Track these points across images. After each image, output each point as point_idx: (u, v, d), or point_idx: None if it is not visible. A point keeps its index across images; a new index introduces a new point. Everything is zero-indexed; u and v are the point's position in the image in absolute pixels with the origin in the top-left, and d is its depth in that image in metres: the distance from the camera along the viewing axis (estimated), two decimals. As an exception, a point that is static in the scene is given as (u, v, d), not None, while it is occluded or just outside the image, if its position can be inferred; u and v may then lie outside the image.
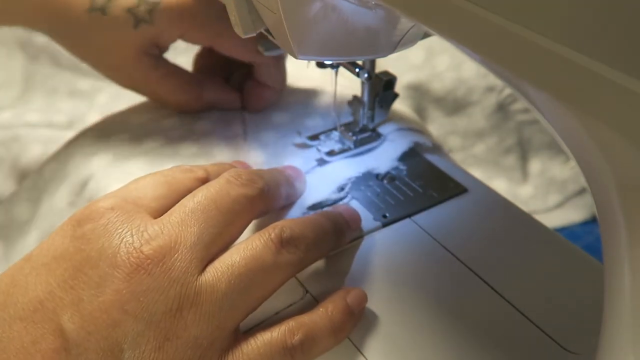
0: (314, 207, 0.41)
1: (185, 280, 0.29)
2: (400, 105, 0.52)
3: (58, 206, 0.47)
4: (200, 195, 0.32)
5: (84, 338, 0.28)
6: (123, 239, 0.29)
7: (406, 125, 0.49)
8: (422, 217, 0.42)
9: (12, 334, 0.28)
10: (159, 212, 0.32)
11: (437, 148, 0.49)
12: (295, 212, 0.40)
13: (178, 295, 0.29)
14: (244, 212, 0.33)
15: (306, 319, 0.32)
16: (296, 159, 0.45)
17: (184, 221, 0.31)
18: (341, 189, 0.43)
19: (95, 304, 0.28)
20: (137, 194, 0.33)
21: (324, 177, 0.44)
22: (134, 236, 0.30)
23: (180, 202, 0.32)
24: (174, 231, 0.30)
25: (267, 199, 0.35)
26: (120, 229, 0.30)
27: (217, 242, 0.32)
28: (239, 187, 0.34)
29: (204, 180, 0.36)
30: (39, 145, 0.68)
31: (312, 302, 0.35)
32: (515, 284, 0.37)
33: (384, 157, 0.46)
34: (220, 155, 0.46)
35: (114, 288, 0.28)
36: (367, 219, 0.41)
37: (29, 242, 0.48)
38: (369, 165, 0.45)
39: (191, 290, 0.29)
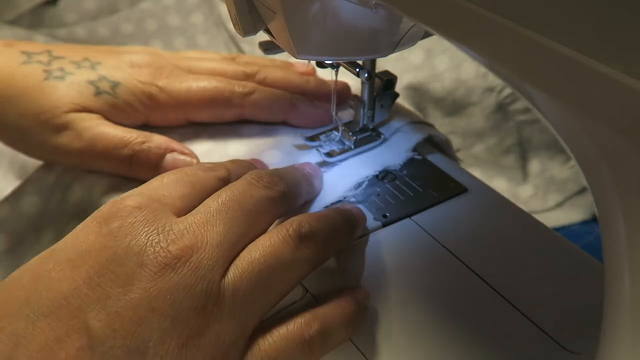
0: (331, 206, 0.41)
1: (211, 278, 0.30)
2: (405, 104, 0.52)
3: (70, 202, 0.47)
4: (224, 197, 0.33)
5: (110, 335, 0.28)
6: (150, 237, 0.30)
7: (418, 119, 0.49)
8: (422, 217, 0.42)
9: (36, 331, 0.28)
10: (183, 211, 0.33)
11: (447, 143, 0.49)
12: (313, 210, 0.41)
13: (204, 292, 0.29)
14: (266, 213, 0.34)
15: (320, 311, 0.33)
16: (311, 157, 0.45)
17: (209, 221, 0.31)
18: (358, 186, 0.43)
19: (123, 301, 0.28)
20: (162, 192, 0.33)
21: (341, 175, 0.44)
22: (160, 235, 0.30)
23: (204, 203, 0.33)
24: (199, 231, 0.31)
25: (289, 199, 0.36)
26: (147, 227, 0.30)
27: (241, 242, 0.32)
28: (261, 189, 0.34)
29: (226, 180, 0.36)
30: None
31: (312, 302, 0.35)
32: (515, 283, 0.37)
33: (398, 149, 0.46)
34: (235, 152, 0.46)
35: (142, 286, 0.29)
36: (368, 219, 0.41)
37: (46, 238, 0.48)
38: (385, 160, 0.45)
39: (216, 289, 0.30)
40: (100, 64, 0.47)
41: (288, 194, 0.36)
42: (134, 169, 0.44)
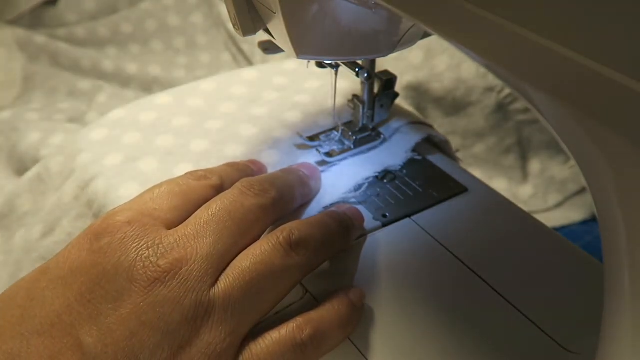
0: (330, 207, 0.41)
1: (200, 289, 0.30)
2: (405, 104, 0.52)
3: (63, 200, 0.47)
4: (214, 207, 0.33)
5: (102, 351, 0.28)
6: (139, 252, 0.30)
7: (418, 120, 0.49)
8: (422, 217, 0.42)
9: (30, 350, 0.28)
10: (175, 223, 0.33)
11: (446, 143, 0.49)
12: (311, 211, 0.40)
13: (193, 304, 0.29)
14: (258, 221, 0.34)
15: (313, 314, 0.33)
16: (309, 157, 0.45)
17: (199, 233, 0.31)
18: (358, 187, 0.43)
19: (114, 317, 0.29)
20: (153, 205, 0.33)
21: (340, 175, 0.44)
22: (150, 249, 0.30)
23: (195, 214, 0.33)
24: (189, 244, 0.31)
25: (281, 206, 0.36)
26: (136, 242, 0.30)
27: (232, 252, 0.32)
28: (252, 198, 0.34)
29: (219, 187, 0.36)
30: (38, 133, 0.68)
31: (312, 302, 0.35)
32: (515, 284, 0.37)
33: (398, 150, 0.46)
34: (233, 153, 0.46)
35: (132, 301, 0.29)
36: (367, 219, 0.41)
37: (33, 236, 0.48)
38: (385, 161, 0.45)
39: (205, 299, 0.30)
40: None
41: (280, 201, 0.36)
42: None
